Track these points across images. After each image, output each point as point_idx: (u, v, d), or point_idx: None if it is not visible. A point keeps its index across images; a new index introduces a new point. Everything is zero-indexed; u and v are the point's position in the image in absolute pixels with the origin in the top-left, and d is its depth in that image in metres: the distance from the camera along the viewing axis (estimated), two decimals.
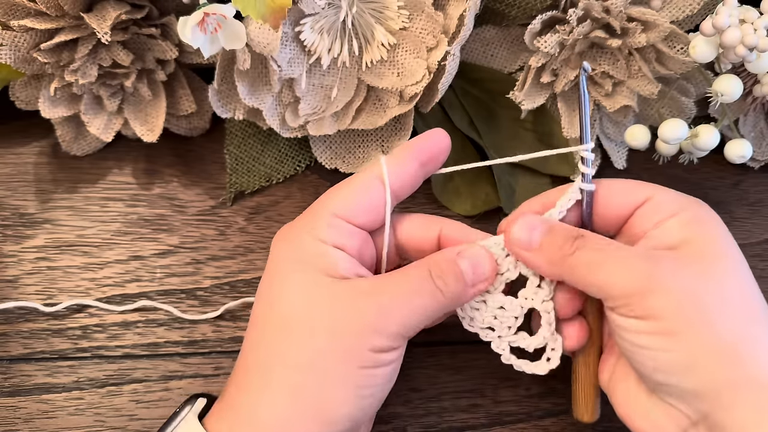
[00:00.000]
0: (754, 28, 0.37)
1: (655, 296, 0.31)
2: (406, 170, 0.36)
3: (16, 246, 0.45)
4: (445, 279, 0.34)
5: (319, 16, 0.41)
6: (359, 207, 0.35)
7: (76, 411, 0.41)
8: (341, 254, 0.34)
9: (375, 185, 0.35)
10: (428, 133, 0.37)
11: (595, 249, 0.33)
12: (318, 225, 0.34)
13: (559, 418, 0.42)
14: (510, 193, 0.45)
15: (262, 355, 0.33)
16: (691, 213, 0.34)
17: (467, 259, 0.34)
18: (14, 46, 0.40)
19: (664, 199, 0.34)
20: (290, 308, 0.33)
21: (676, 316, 0.31)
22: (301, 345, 0.33)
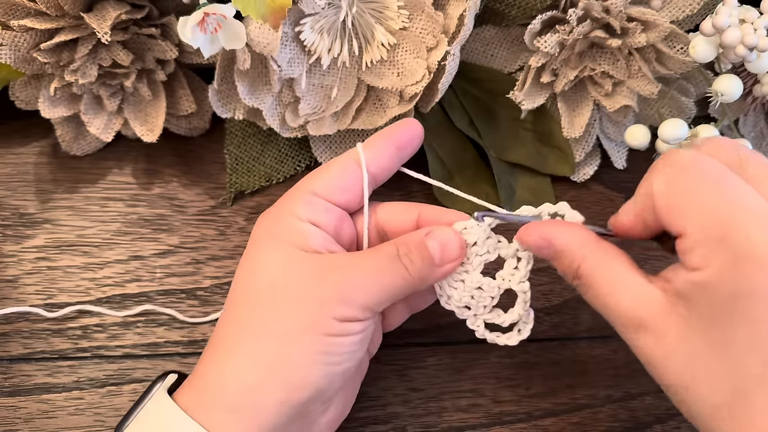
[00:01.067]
0: (754, 28, 0.37)
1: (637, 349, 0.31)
2: (382, 154, 0.37)
3: (16, 246, 0.45)
4: (411, 257, 0.34)
5: (319, 16, 0.41)
6: (336, 186, 0.36)
7: (76, 411, 0.41)
8: (315, 229, 0.35)
9: (353, 167, 0.36)
10: (402, 121, 0.38)
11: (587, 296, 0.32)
12: (295, 202, 0.36)
13: (559, 418, 0.42)
14: (510, 193, 0.45)
15: (232, 326, 0.35)
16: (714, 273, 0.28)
17: (436, 240, 0.35)
18: (14, 46, 0.40)
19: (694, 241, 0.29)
20: (261, 280, 0.34)
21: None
22: (268, 313, 0.33)
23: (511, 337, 0.37)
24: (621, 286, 0.31)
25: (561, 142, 0.46)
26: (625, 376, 0.43)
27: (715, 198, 0.29)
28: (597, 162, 0.47)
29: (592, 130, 0.46)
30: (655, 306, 0.30)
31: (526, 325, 0.37)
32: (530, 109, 0.44)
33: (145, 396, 0.35)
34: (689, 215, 0.29)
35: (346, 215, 0.37)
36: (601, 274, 0.32)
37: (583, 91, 0.45)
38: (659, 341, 0.30)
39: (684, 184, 0.30)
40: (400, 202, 0.38)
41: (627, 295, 0.31)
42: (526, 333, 0.37)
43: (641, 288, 0.31)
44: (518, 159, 0.46)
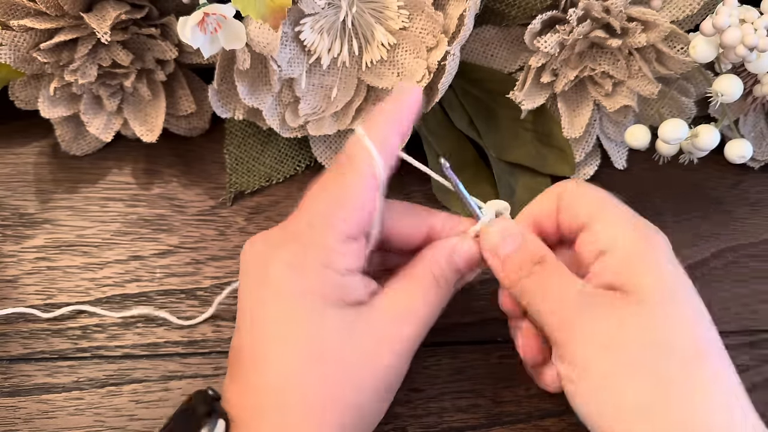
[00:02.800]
0: (754, 28, 0.36)
1: (577, 342, 0.31)
2: (392, 151, 0.34)
3: (16, 246, 0.45)
4: (446, 278, 0.35)
5: (318, 16, 0.41)
6: (366, 220, 0.33)
7: (76, 411, 0.41)
8: (356, 279, 0.33)
9: (372, 190, 0.33)
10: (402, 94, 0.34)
11: (545, 278, 0.33)
12: (331, 253, 0.32)
13: (559, 419, 0.42)
14: (510, 193, 0.45)
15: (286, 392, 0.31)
16: (628, 249, 0.32)
17: (461, 256, 0.35)
18: (14, 46, 0.40)
19: (602, 228, 0.33)
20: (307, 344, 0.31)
21: (595, 365, 0.30)
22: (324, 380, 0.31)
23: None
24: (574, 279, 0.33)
25: (561, 142, 0.46)
26: None
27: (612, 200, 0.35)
28: (597, 162, 0.47)
29: (592, 130, 0.46)
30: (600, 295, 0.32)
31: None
32: (530, 109, 0.44)
33: None
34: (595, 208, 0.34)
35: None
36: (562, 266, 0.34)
37: (583, 91, 0.45)
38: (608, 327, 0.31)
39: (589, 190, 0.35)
40: (406, 207, 0.37)
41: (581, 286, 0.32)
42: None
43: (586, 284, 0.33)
44: (518, 159, 0.46)
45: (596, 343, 0.30)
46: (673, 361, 0.29)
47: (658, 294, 0.31)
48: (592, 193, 0.35)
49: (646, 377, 0.29)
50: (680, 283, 0.32)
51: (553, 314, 0.32)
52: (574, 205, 0.34)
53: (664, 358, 0.29)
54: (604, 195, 0.35)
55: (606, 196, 0.35)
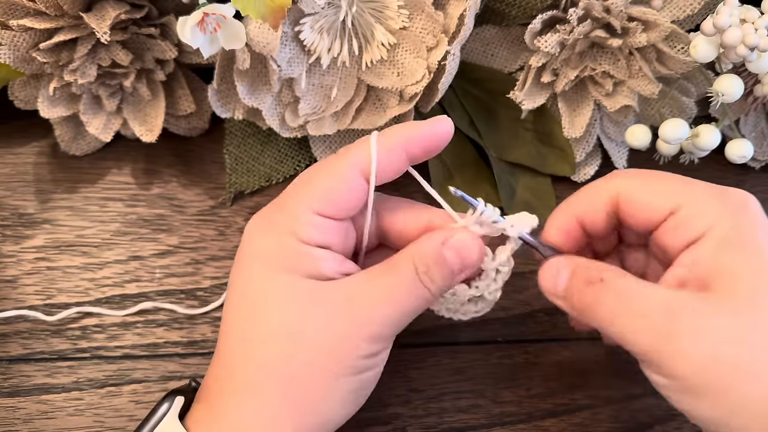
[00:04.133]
0: (755, 28, 0.36)
1: (675, 359, 0.29)
2: (393, 162, 0.33)
3: (16, 246, 0.44)
4: (431, 276, 0.32)
5: (318, 16, 0.41)
6: (342, 203, 0.33)
7: (76, 411, 0.41)
8: (326, 254, 0.32)
9: (357, 180, 0.33)
10: (432, 122, 0.33)
11: (616, 297, 0.30)
12: (300, 224, 0.32)
13: (559, 419, 0.42)
14: (510, 193, 0.45)
15: (248, 365, 0.32)
16: (722, 231, 0.29)
17: (453, 249, 0.33)
18: (13, 46, 0.40)
19: (691, 212, 0.30)
20: (273, 317, 0.32)
21: (698, 378, 0.28)
22: (289, 356, 0.31)
23: (466, 314, 0.37)
24: (649, 286, 0.30)
25: (561, 142, 0.45)
26: (626, 377, 0.43)
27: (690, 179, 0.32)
28: (598, 162, 0.47)
29: (592, 130, 0.46)
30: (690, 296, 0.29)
31: (486, 309, 0.37)
32: (531, 109, 0.44)
33: (149, 418, 0.33)
34: (678, 190, 0.31)
35: (349, 224, 0.34)
36: (626, 277, 0.31)
37: (583, 90, 0.45)
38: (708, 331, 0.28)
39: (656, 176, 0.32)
40: (405, 203, 0.36)
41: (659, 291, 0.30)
42: (482, 313, 0.37)
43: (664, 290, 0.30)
44: (519, 159, 0.46)
45: (698, 357, 0.28)
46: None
47: (763, 288, 0.29)
48: (664, 179, 0.32)
49: (755, 380, 0.28)
50: None
51: (638, 333, 0.29)
52: (649, 196, 0.32)
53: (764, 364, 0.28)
54: (678, 178, 0.32)
55: (682, 179, 0.32)
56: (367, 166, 0.33)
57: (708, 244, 0.30)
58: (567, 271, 0.32)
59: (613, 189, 0.33)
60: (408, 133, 0.33)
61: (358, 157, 0.33)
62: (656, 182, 0.32)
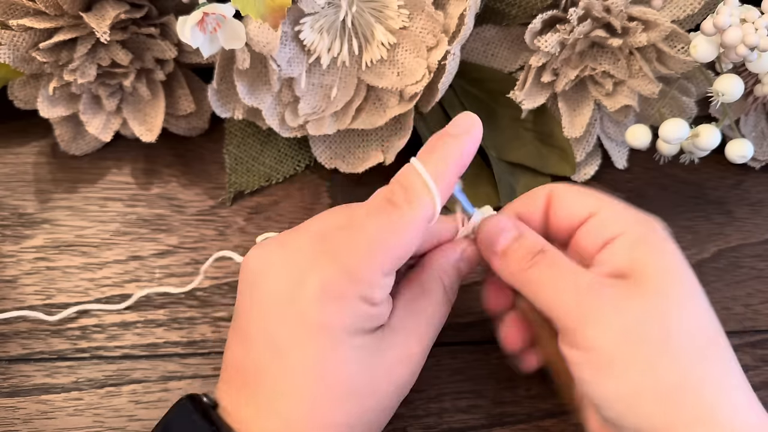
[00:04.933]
0: (755, 28, 0.36)
1: (595, 328, 0.30)
2: (449, 188, 0.33)
3: (15, 246, 0.44)
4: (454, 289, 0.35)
5: (318, 16, 0.41)
6: (408, 255, 0.32)
7: (75, 411, 0.41)
8: (386, 307, 0.33)
9: (424, 226, 0.32)
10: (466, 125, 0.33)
11: (550, 268, 0.32)
12: (373, 290, 0.31)
13: (559, 419, 0.42)
14: (510, 193, 0.45)
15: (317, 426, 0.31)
16: (636, 233, 0.32)
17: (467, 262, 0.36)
18: (13, 46, 0.40)
19: (608, 216, 0.33)
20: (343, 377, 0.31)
21: (614, 351, 0.30)
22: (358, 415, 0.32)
23: None
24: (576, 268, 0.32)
25: (562, 141, 0.45)
26: None
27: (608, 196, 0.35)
28: (598, 162, 0.47)
29: (592, 129, 0.46)
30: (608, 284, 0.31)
31: None
32: (531, 109, 0.44)
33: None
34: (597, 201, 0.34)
35: None
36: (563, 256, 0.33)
37: (583, 90, 0.45)
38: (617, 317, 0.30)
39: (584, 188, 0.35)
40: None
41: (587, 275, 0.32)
42: None
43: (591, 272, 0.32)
44: (519, 159, 0.46)
45: (615, 330, 0.30)
46: (691, 348, 0.30)
47: (672, 281, 0.31)
48: (588, 190, 0.35)
49: (666, 365, 0.29)
50: (688, 271, 0.32)
51: (564, 303, 0.31)
52: (572, 201, 0.35)
53: (683, 345, 0.30)
54: (600, 192, 0.35)
55: (602, 194, 0.35)
56: (432, 207, 0.31)
57: (623, 242, 0.32)
58: (512, 233, 0.34)
59: (547, 191, 0.35)
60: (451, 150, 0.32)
61: (421, 201, 0.31)
62: (582, 192, 0.35)
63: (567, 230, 0.35)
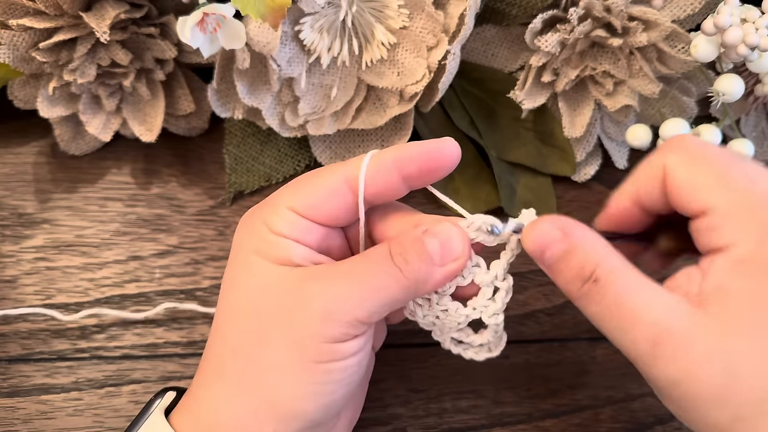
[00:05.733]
0: (755, 28, 0.36)
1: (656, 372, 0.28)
2: (385, 180, 0.32)
3: (15, 246, 0.44)
4: (406, 256, 0.30)
5: (318, 15, 0.41)
6: (320, 209, 0.32)
7: (75, 412, 0.41)
8: (296, 245, 0.32)
9: (342, 190, 0.32)
10: (431, 142, 0.32)
11: (600, 304, 0.29)
12: (274, 217, 0.32)
13: (560, 419, 0.42)
14: (511, 193, 0.45)
15: (220, 348, 0.32)
16: (746, 248, 0.27)
17: (435, 237, 0.31)
18: (13, 46, 0.40)
19: (719, 222, 0.28)
20: (243, 299, 0.32)
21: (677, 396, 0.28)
22: (253, 338, 0.31)
23: (479, 353, 0.35)
24: (643, 294, 0.28)
25: (562, 141, 0.45)
26: (627, 377, 0.43)
27: (739, 174, 0.28)
28: (598, 162, 0.47)
29: (593, 129, 0.46)
30: (682, 314, 0.28)
31: (498, 346, 0.35)
32: (531, 109, 0.44)
33: (143, 414, 0.33)
34: (711, 189, 0.28)
35: (333, 231, 0.34)
36: (621, 279, 0.29)
37: (584, 90, 0.45)
38: (689, 352, 0.27)
39: (699, 159, 0.29)
40: (397, 210, 0.34)
41: (651, 304, 0.28)
42: (497, 352, 0.35)
43: (663, 296, 0.28)
44: (519, 159, 0.46)
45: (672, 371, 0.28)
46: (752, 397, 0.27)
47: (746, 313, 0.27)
48: (707, 165, 0.29)
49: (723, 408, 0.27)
50: None
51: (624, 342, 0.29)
52: (687, 184, 0.29)
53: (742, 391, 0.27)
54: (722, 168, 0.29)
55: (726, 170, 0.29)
56: (356, 180, 0.32)
57: (722, 262, 0.28)
58: (560, 247, 0.30)
59: (661, 165, 0.30)
60: (402, 151, 0.32)
61: (347, 170, 0.32)
62: (697, 169, 0.29)
63: (689, 215, 0.30)
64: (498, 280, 0.33)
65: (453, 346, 0.35)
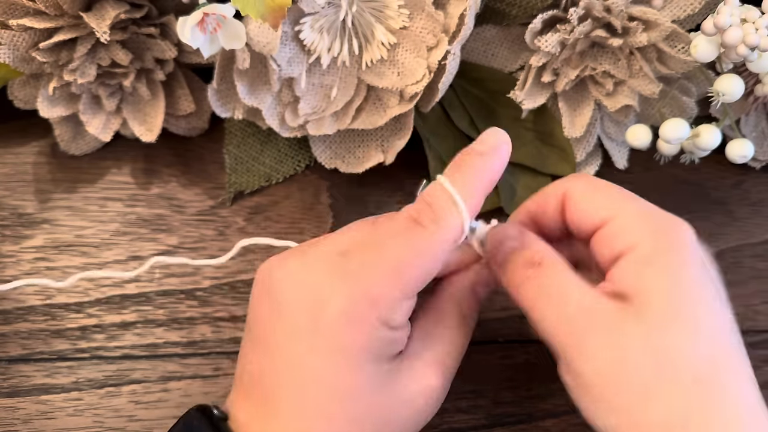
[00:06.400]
0: (755, 28, 0.36)
1: (584, 357, 0.29)
2: (477, 208, 0.31)
3: (15, 246, 0.44)
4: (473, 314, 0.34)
5: (318, 15, 0.41)
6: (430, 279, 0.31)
7: (75, 412, 0.41)
8: (405, 332, 0.31)
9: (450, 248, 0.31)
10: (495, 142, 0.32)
11: (543, 284, 0.30)
12: (394, 314, 0.30)
13: (560, 419, 0.42)
14: (511, 193, 0.45)
15: None
16: (648, 248, 0.29)
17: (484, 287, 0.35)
18: (13, 46, 0.40)
19: (622, 224, 0.30)
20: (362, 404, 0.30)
21: (604, 383, 0.28)
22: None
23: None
24: (577, 286, 0.30)
25: (562, 141, 0.45)
26: None
27: (632, 195, 0.32)
28: (598, 162, 0.47)
29: (593, 129, 0.46)
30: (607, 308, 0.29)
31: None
32: (531, 109, 0.44)
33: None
34: (613, 203, 0.31)
35: None
36: (560, 267, 0.31)
37: (584, 90, 0.45)
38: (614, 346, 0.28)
39: (602, 185, 0.33)
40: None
41: (583, 295, 0.30)
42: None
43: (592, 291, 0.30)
44: (519, 159, 0.46)
45: (606, 360, 0.28)
46: (685, 384, 0.28)
47: (675, 308, 0.28)
48: (606, 189, 0.32)
49: (658, 398, 0.28)
50: (699, 294, 0.29)
51: (555, 327, 0.30)
52: (587, 202, 0.32)
53: (676, 380, 0.28)
54: (619, 191, 0.32)
55: (622, 192, 0.32)
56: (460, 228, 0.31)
57: (633, 259, 0.30)
58: (513, 243, 0.32)
59: (561, 190, 0.33)
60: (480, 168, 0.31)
61: (449, 221, 0.30)
62: (596, 191, 0.32)
63: (586, 233, 0.32)
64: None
65: None
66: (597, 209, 0.31)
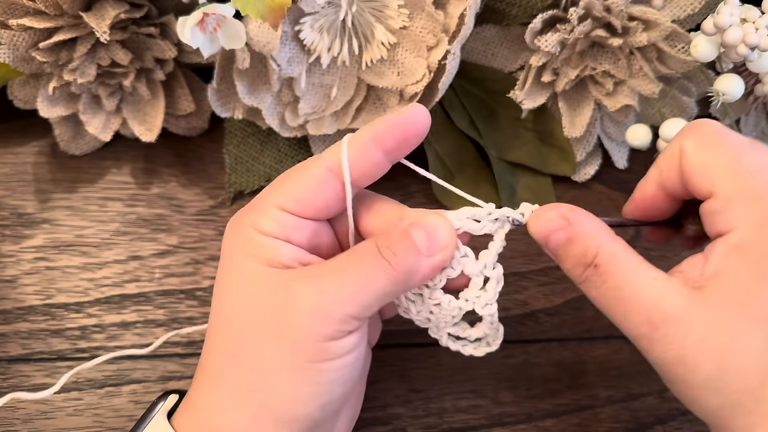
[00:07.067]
0: (755, 27, 0.36)
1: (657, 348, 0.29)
2: (368, 160, 0.32)
3: (15, 246, 0.44)
4: (393, 249, 0.31)
5: (318, 15, 0.41)
6: (307, 202, 0.32)
7: (75, 411, 0.41)
8: (284, 245, 0.31)
9: (328, 179, 0.32)
10: (404, 112, 0.32)
11: (609, 289, 0.30)
12: (260, 217, 0.32)
13: (560, 419, 0.42)
14: (511, 193, 0.45)
15: (214, 354, 0.32)
16: (744, 233, 0.28)
17: (421, 228, 0.31)
18: (13, 45, 0.40)
19: (722, 207, 0.29)
20: (234, 303, 0.32)
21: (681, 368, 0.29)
22: (246, 342, 0.31)
23: (478, 348, 0.35)
24: (642, 278, 0.29)
25: (562, 141, 0.45)
26: (627, 377, 0.43)
27: (748, 162, 0.29)
28: (598, 162, 0.47)
29: (593, 129, 0.46)
30: (679, 297, 0.29)
31: (496, 341, 0.35)
32: (531, 109, 0.44)
33: (146, 417, 0.33)
34: (719, 172, 0.29)
35: (322, 225, 0.33)
36: (621, 264, 0.30)
37: (584, 90, 0.45)
38: (687, 335, 0.28)
39: (714, 143, 0.30)
40: (382, 203, 0.34)
41: (649, 288, 0.29)
42: (496, 346, 0.35)
43: (662, 280, 0.29)
44: (519, 159, 0.46)
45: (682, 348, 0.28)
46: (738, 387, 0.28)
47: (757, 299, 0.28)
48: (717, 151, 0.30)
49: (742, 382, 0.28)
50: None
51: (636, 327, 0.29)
52: (698, 171, 0.30)
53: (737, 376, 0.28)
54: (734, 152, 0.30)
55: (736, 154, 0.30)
56: (339, 167, 0.32)
57: (722, 246, 0.29)
58: (562, 234, 0.31)
59: (678, 149, 0.31)
60: (376, 128, 0.32)
61: (329, 158, 0.32)
62: (710, 153, 0.30)
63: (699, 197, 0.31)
64: (488, 269, 0.33)
65: (451, 342, 0.35)
66: (706, 177, 0.30)
